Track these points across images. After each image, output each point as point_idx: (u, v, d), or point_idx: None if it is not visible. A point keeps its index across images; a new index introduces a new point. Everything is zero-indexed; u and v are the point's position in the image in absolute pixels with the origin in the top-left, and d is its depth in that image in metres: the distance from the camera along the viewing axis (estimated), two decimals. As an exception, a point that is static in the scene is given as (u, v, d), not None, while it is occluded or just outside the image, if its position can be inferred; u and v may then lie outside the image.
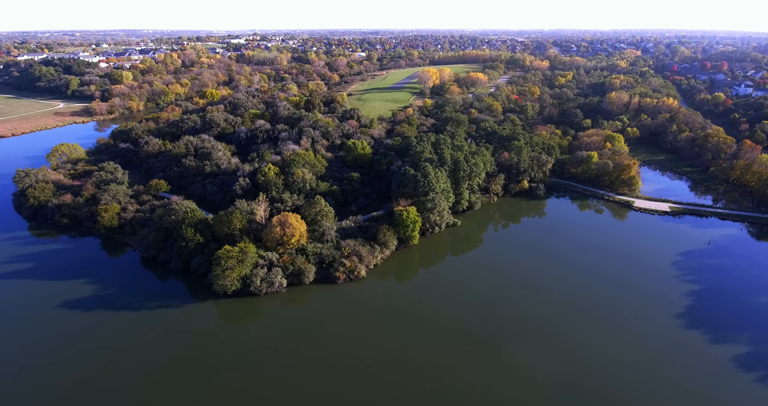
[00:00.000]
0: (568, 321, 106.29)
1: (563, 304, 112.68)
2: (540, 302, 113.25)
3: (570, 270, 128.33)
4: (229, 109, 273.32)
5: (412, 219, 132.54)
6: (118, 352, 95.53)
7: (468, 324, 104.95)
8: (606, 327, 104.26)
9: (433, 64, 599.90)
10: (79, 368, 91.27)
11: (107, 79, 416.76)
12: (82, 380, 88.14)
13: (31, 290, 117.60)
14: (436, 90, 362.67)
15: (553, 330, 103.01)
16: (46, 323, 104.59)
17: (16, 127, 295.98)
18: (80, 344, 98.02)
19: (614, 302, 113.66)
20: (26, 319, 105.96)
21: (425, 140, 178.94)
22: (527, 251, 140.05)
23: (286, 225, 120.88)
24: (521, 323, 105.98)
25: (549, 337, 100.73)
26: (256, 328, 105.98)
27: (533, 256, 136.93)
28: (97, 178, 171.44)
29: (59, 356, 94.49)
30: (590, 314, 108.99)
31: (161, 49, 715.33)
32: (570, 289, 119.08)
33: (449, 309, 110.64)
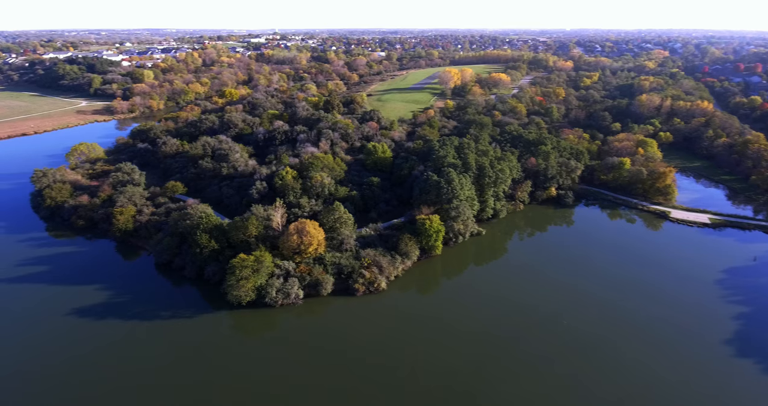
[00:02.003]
0: (604, 341, 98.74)
1: (597, 322, 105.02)
2: (572, 319, 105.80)
3: (602, 284, 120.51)
4: (247, 109, 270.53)
5: (435, 228, 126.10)
6: (127, 363, 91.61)
7: (495, 343, 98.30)
8: (647, 348, 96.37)
9: (453, 64, 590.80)
10: (87, 376, 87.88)
11: (129, 78, 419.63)
12: (88, 388, 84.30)
13: (45, 294, 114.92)
14: (457, 91, 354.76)
15: (588, 350, 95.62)
16: (57, 329, 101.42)
17: (39, 125, 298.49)
18: (90, 353, 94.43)
19: (653, 321, 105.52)
20: (38, 324, 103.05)
21: (448, 144, 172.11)
22: (556, 263, 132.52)
23: (303, 233, 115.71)
24: (553, 340, 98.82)
25: (584, 357, 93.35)
26: (271, 341, 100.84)
27: (562, 268, 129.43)
28: (114, 179, 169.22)
29: (68, 362, 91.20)
30: (628, 333, 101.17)
31: (183, 48, 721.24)
32: (604, 304, 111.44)
33: (474, 324, 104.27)
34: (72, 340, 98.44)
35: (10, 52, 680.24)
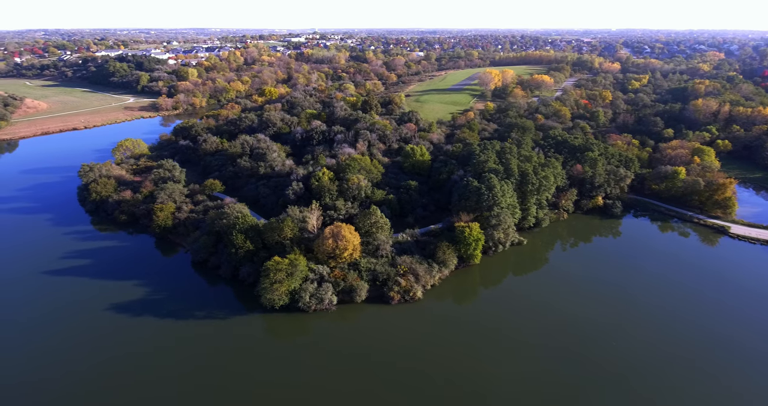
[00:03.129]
0: (655, 370, 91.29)
1: (651, 341, 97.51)
2: (622, 337, 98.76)
3: (654, 301, 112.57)
4: (286, 107, 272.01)
5: (474, 237, 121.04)
6: (159, 360, 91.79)
7: (536, 359, 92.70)
8: (702, 387, 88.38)
9: (493, 65, 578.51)
10: (121, 368, 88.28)
11: (174, 76, 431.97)
12: (120, 384, 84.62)
13: (87, 287, 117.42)
14: (497, 93, 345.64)
15: (640, 379, 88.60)
16: (97, 323, 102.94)
17: (89, 120, 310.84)
18: (123, 348, 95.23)
19: (719, 341, 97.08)
20: (78, 317, 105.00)
21: (489, 148, 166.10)
22: (601, 276, 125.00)
23: (339, 237, 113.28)
24: (602, 360, 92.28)
25: (635, 387, 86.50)
26: (303, 346, 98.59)
27: (608, 281, 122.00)
28: (156, 175, 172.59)
29: (102, 356, 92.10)
30: (685, 363, 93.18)
31: (226, 47, 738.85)
32: (657, 322, 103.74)
33: (513, 339, 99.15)
34: (110, 334, 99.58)
35: (66, 49, 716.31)
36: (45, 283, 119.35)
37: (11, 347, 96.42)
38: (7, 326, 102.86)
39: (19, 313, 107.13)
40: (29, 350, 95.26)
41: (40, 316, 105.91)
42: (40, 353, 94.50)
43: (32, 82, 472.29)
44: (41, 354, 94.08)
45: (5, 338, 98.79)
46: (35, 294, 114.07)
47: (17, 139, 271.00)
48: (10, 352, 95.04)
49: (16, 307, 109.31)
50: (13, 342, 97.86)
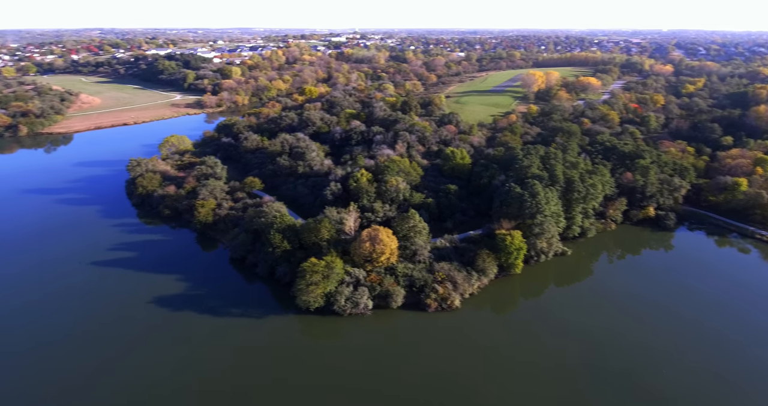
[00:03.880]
0: (709, 400, 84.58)
1: (702, 374, 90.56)
2: (670, 367, 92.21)
3: (712, 323, 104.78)
4: (325, 107, 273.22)
5: (516, 245, 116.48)
6: (194, 357, 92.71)
7: (575, 378, 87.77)
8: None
9: (536, 66, 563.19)
10: (159, 361, 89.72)
11: (219, 74, 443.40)
12: (156, 380, 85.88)
13: (130, 280, 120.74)
14: (541, 95, 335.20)
15: None
16: (135, 317, 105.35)
17: (138, 116, 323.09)
18: (161, 341, 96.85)
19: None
20: (121, 310, 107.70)
21: (533, 153, 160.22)
22: (650, 291, 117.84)
23: (376, 240, 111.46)
24: (646, 387, 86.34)
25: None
26: (337, 350, 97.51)
27: (657, 298, 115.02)
28: (199, 171, 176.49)
29: (140, 348, 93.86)
30: (740, 394, 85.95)
31: (269, 47, 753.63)
32: (716, 346, 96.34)
33: (552, 354, 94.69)
34: (149, 329, 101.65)
35: (119, 47, 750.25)
36: (93, 274, 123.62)
37: (55, 334, 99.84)
38: (59, 315, 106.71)
39: (70, 302, 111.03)
40: (74, 340, 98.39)
41: (87, 307, 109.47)
42: (82, 342, 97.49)
43: (87, 79, 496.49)
44: (83, 344, 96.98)
45: (53, 327, 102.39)
46: (83, 285, 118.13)
47: (72, 132, 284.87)
48: (53, 339, 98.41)
49: (68, 297, 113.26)
50: (60, 330, 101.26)
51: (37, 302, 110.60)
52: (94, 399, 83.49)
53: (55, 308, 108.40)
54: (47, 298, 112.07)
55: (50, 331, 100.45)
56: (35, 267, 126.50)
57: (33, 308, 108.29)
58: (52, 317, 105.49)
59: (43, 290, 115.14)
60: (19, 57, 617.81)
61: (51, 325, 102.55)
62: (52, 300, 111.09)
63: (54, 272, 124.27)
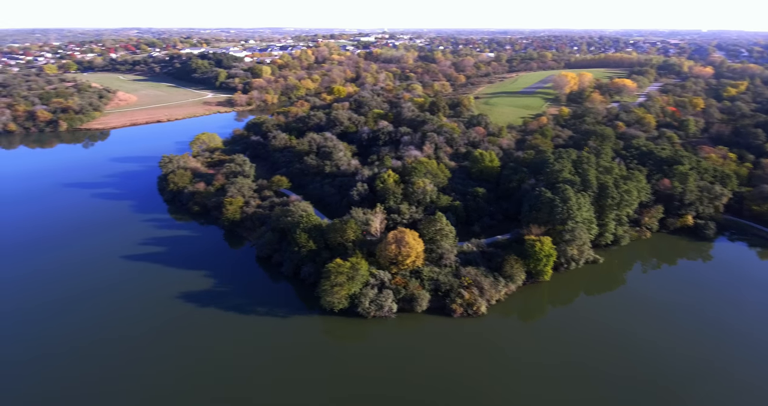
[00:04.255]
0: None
1: (749, 390, 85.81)
2: (710, 381, 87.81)
3: (749, 341, 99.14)
4: (353, 106, 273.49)
5: (546, 252, 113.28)
6: (218, 355, 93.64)
7: (605, 395, 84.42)
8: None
9: (568, 67, 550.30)
10: (183, 361, 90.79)
11: (249, 73, 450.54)
12: (181, 376, 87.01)
13: (159, 275, 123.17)
14: (573, 97, 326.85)
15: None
16: (162, 313, 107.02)
17: (171, 114, 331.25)
18: (187, 339, 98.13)
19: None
20: (149, 304, 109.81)
21: (565, 157, 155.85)
22: (686, 304, 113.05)
23: (402, 243, 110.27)
24: (680, 399, 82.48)
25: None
26: (359, 352, 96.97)
27: (694, 310, 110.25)
28: (228, 169, 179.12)
29: (166, 343, 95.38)
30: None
31: (298, 46, 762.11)
32: (750, 368, 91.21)
33: (582, 366, 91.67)
34: (175, 325, 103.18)
35: (155, 46, 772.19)
36: (123, 268, 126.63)
37: (85, 330, 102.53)
38: (90, 310, 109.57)
39: (101, 297, 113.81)
40: (102, 335, 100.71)
41: (116, 302, 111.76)
42: (109, 338, 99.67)
43: (125, 77, 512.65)
44: (111, 339, 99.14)
45: (83, 323, 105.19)
46: (115, 280, 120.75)
47: (109, 129, 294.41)
48: (83, 335, 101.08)
49: (99, 291, 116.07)
50: (88, 326, 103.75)
51: (72, 296, 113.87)
52: (122, 393, 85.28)
53: (87, 303, 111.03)
54: (80, 293, 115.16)
55: (80, 327, 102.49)
56: (71, 261, 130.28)
57: (69, 302, 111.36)
58: (82, 312, 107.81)
59: (76, 285, 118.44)
60: (61, 55, 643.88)
61: (81, 321, 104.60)
62: (86, 295, 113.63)
63: (88, 266, 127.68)
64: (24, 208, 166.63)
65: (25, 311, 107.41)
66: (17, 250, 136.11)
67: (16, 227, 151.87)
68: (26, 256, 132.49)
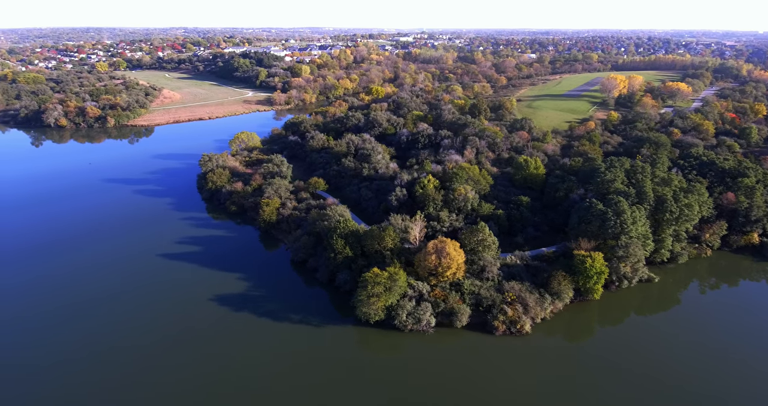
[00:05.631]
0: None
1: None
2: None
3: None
4: (392, 107, 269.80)
5: (597, 269, 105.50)
6: (249, 362, 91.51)
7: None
8: None
9: (615, 69, 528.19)
10: (222, 362, 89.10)
11: (289, 72, 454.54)
12: (218, 377, 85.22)
13: (194, 275, 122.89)
14: (622, 101, 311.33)
15: None
16: (196, 315, 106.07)
17: (213, 112, 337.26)
18: (218, 342, 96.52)
19: None
20: (183, 306, 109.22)
21: (617, 166, 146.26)
22: (749, 332, 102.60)
23: (443, 254, 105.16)
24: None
25: None
26: (394, 367, 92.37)
27: (756, 342, 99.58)
28: (265, 169, 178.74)
29: (201, 351, 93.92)
30: None
31: (337, 46, 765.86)
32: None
33: (632, 389, 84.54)
34: (210, 328, 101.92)
35: (200, 45, 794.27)
36: (158, 266, 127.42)
37: (112, 319, 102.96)
38: (125, 306, 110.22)
39: (130, 297, 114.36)
40: (133, 335, 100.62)
41: (151, 301, 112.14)
42: (141, 333, 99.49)
43: (170, 75, 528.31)
44: (143, 339, 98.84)
45: (119, 320, 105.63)
46: (150, 278, 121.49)
47: (153, 125, 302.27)
48: (109, 325, 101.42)
49: (130, 290, 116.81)
50: (122, 324, 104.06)
51: (110, 292, 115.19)
52: (156, 393, 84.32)
53: (123, 299, 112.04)
54: (119, 289, 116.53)
55: (108, 330, 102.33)
56: (110, 258, 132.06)
57: (107, 297, 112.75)
58: (109, 314, 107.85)
59: (115, 281, 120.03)
60: (112, 53, 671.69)
61: (108, 323, 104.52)
62: (116, 296, 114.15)
63: (125, 263, 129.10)
64: (70, 204, 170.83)
65: (49, 310, 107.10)
66: (56, 246, 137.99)
67: (62, 222, 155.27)
68: (65, 252, 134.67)
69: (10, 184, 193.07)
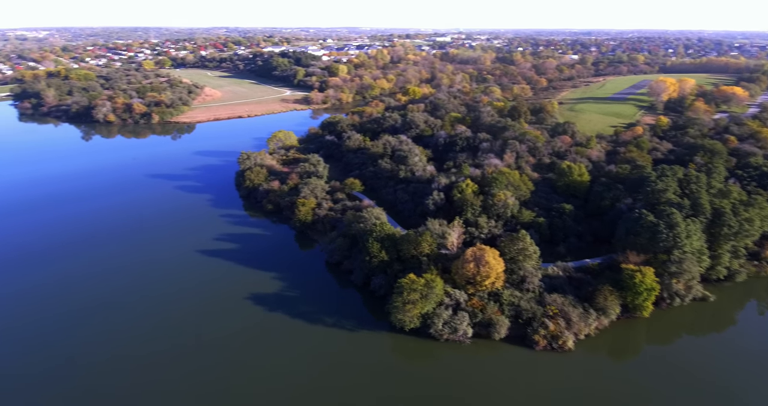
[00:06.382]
0: None
1: None
2: None
3: None
4: (429, 108, 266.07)
5: (647, 285, 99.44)
6: (281, 364, 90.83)
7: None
8: None
9: (663, 71, 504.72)
10: (254, 363, 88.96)
11: (326, 72, 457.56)
12: (240, 374, 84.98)
13: (227, 272, 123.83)
14: (671, 105, 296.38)
15: None
16: (232, 315, 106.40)
17: (251, 110, 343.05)
18: (252, 344, 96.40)
19: None
20: (219, 305, 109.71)
21: (669, 175, 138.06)
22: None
23: (482, 262, 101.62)
24: None
25: None
26: (430, 378, 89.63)
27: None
28: (302, 169, 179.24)
29: (238, 351, 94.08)
30: None
31: (374, 45, 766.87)
32: None
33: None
34: (245, 328, 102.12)
35: (240, 45, 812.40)
36: (197, 261, 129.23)
37: (147, 318, 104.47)
38: (160, 300, 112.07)
39: (172, 290, 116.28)
40: (165, 329, 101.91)
41: (184, 297, 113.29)
42: (174, 331, 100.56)
43: (212, 73, 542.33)
44: (175, 332, 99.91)
45: (152, 313, 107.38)
46: (185, 274, 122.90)
47: (195, 122, 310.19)
48: (143, 322, 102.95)
49: (171, 283, 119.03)
50: (151, 314, 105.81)
51: (146, 283, 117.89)
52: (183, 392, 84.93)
53: (158, 294, 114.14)
54: (154, 283, 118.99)
55: (148, 318, 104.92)
56: (148, 252, 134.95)
57: (133, 301, 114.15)
58: (155, 301, 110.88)
59: (150, 275, 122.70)
60: (158, 52, 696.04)
61: (151, 311, 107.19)
62: (158, 286, 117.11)
63: (162, 258, 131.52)
64: (118, 197, 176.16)
65: (81, 308, 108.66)
66: (99, 240, 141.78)
67: (111, 216, 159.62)
68: (104, 246, 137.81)
69: (70, 177, 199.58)
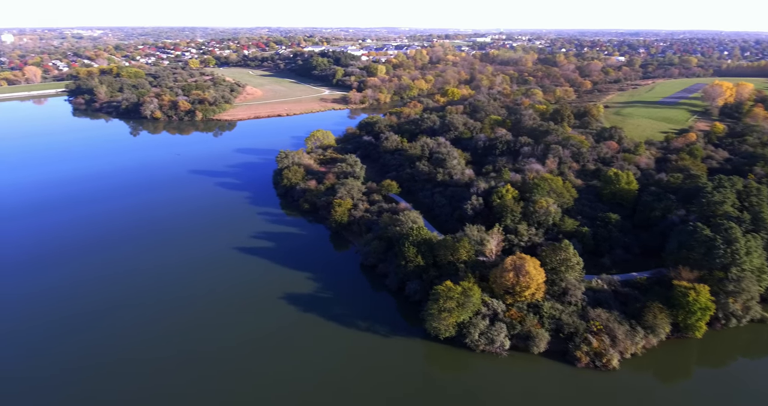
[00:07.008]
0: None
1: None
2: None
3: None
4: (468, 110, 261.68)
5: (702, 304, 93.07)
6: (314, 366, 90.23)
7: None
8: None
9: (717, 75, 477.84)
10: (284, 365, 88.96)
11: (365, 72, 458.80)
12: (268, 374, 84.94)
13: (265, 271, 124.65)
14: (728, 111, 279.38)
15: None
16: (266, 316, 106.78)
17: (291, 109, 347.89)
18: (285, 345, 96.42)
19: None
20: (252, 304, 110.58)
21: (727, 186, 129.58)
22: None
23: (521, 271, 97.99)
24: None
25: None
26: (464, 389, 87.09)
27: None
28: (339, 169, 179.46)
29: (275, 353, 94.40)
30: None
31: (413, 46, 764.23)
32: None
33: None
34: (281, 328, 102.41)
35: (282, 44, 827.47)
36: (234, 258, 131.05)
37: (176, 315, 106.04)
38: (194, 295, 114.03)
39: (207, 290, 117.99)
40: (199, 325, 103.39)
41: (220, 296, 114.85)
42: (207, 329, 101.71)
43: (254, 72, 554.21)
44: (209, 333, 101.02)
45: (179, 307, 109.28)
46: (223, 270, 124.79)
47: (236, 120, 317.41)
48: (171, 320, 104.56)
49: (206, 281, 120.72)
50: (183, 312, 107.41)
51: (182, 278, 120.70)
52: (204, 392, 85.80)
53: (193, 288, 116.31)
54: (190, 277, 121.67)
55: (182, 314, 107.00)
56: (188, 247, 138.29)
57: (179, 283, 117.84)
58: (189, 296, 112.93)
59: (188, 269, 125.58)
60: (203, 51, 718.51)
61: (185, 307, 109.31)
62: (193, 281, 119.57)
63: (200, 253, 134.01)
64: (162, 194, 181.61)
65: (116, 307, 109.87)
66: (142, 234, 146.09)
67: (155, 211, 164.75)
68: (147, 240, 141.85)
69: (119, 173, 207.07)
